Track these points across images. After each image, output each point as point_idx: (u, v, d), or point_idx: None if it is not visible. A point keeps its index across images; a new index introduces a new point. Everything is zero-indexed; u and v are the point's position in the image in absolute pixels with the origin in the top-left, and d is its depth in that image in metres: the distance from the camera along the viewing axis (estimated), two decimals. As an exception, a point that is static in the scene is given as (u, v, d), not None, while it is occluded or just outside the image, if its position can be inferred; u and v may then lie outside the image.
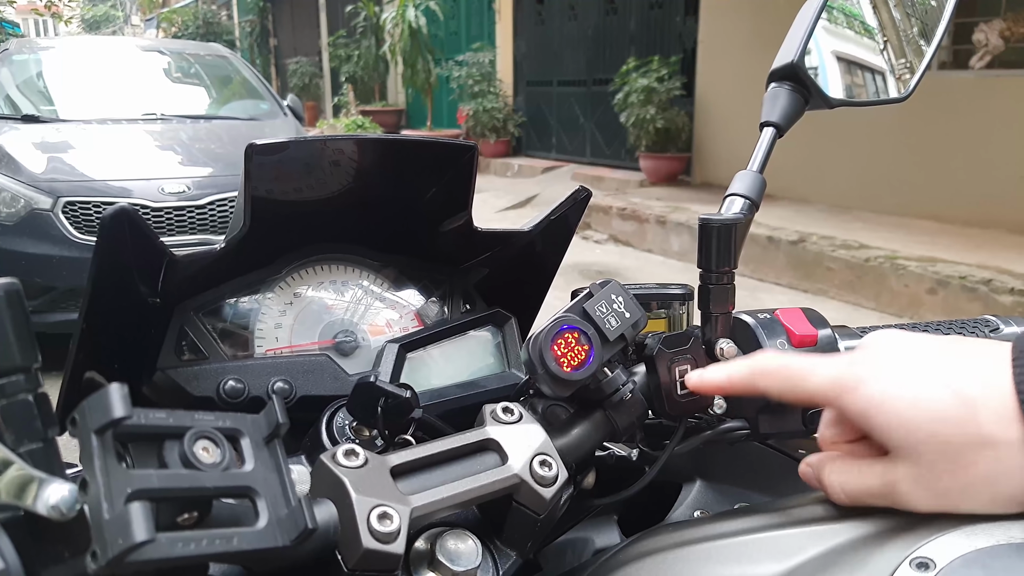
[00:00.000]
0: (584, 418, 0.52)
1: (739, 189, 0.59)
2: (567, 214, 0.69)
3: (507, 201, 7.80)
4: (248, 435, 0.37)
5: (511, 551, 0.47)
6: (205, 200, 3.54)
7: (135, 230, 0.50)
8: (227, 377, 0.61)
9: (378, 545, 0.38)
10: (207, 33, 18.94)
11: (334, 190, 0.65)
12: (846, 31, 0.70)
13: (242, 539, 0.34)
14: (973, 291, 4.02)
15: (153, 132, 4.25)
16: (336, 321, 0.68)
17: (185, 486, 0.33)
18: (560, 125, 9.74)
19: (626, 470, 0.61)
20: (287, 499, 0.36)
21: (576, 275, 5.22)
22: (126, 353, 0.60)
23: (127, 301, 0.57)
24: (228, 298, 0.66)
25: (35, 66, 4.76)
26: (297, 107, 5.21)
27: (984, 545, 0.36)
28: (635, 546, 0.49)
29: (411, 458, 0.44)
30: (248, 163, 0.56)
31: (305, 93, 15.23)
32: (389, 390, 0.50)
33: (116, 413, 0.32)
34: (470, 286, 0.76)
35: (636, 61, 7.54)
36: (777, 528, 0.43)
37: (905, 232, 5.15)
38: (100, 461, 0.31)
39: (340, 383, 0.64)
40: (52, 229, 3.37)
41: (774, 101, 0.62)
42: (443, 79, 11.26)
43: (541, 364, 0.48)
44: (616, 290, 0.51)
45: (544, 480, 0.45)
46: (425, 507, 0.42)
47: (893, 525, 0.39)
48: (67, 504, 0.32)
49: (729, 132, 7.09)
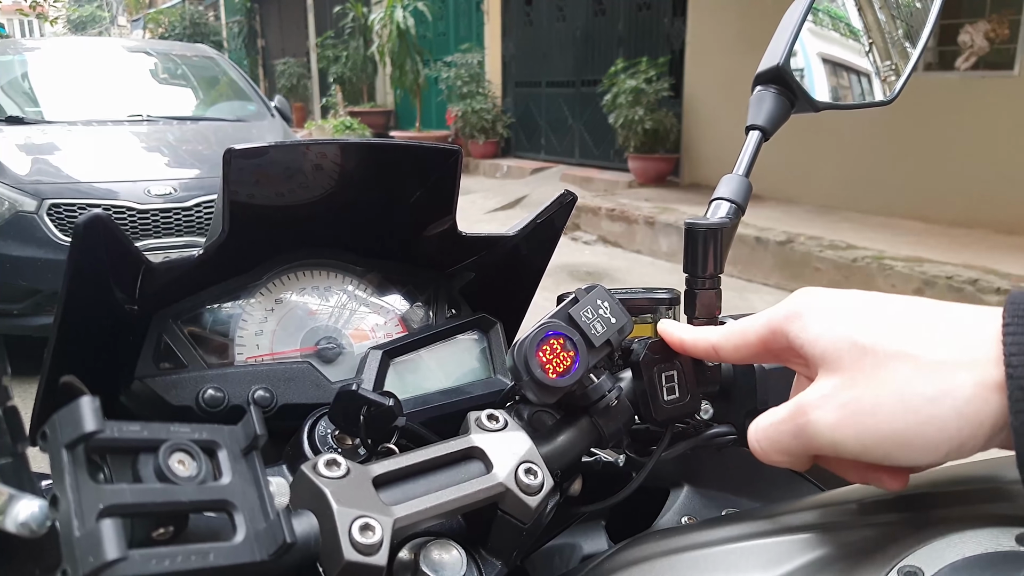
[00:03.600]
0: (570, 425, 0.51)
1: (725, 193, 0.59)
2: (553, 218, 0.68)
3: (496, 202, 7.79)
4: (225, 447, 0.36)
5: (496, 560, 0.47)
6: (192, 202, 3.53)
7: (110, 237, 0.49)
8: (206, 386, 0.60)
9: (360, 557, 0.38)
10: (194, 34, 18.84)
11: (316, 195, 0.64)
12: (832, 33, 0.70)
13: (219, 554, 0.33)
14: (960, 291, 4.05)
15: (139, 133, 4.22)
16: (318, 327, 0.67)
17: (160, 501, 0.33)
18: (549, 126, 9.75)
19: (613, 476, 0.61)
20: (265, 512, 0.35)
21: (565, 276, 5.22)
22: (103, 361, 0.59)
23: (103, 309, 0.56)
24: (208, 305, 0.65)
25: (20, 67, 4.71)
26: (285, 108, 5.19)
27: (972, 553, 0.36)
28: (623, 553, 0.48)
29: (394, 467, 0.43)
30: (226, 168, 0.55)
31: (293, 94, 15.18)
32: (372, 398, 0.50)
33: (87, 427, 0.31)
34: (455, 291, 0.75)
35: (624, 62, 7.56)
36: (765, 536, 0.43)
37: (892, 232, 5.18)
38: (71, 477, 0.31)
39: (322, 391, 0.63)
40: (37, 231, 3.34)
41: (760, 104, 0.62)
42: (432, 80, 11.25)
43: (526, 370, 0.47)
44: (602, 295, 0.51)
45: (529, 488, 0.45)
46: (408, 517, 0.41)
47: (882, 533, 0.39)
48: (37, 521, 0.31)
49: (717, 133, 7.11)
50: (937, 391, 0.35)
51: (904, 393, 0.36)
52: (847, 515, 0.42)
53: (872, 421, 0.36)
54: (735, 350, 0.46)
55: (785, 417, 0.40)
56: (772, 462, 0.42)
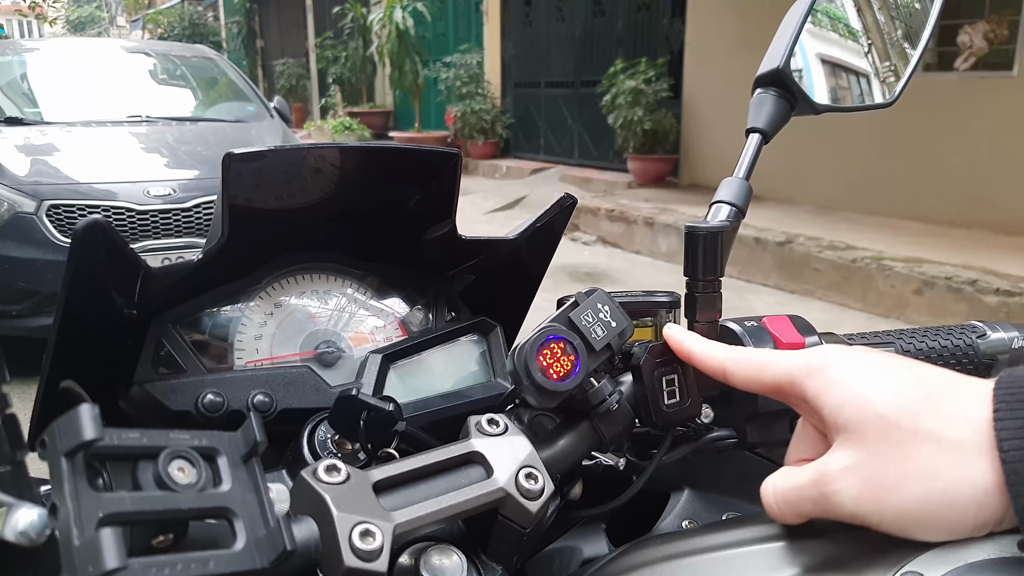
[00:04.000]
0: (570, 428, 0.51)
1: (725, 196, 0.59)
2: (552, 221, 0.68)
3: (495, 203, 7.79)
4: (225, 454, 0.36)
5: (497, 565, 0.47)
6: (191, 203, 3.53)
7: (109, 242, 0.49)
8: (206, 391, 0.60)
9: (360, 563, 0.38)
10: (193, 34, 18.82)
11: (316, 198, 0.64)
12: (831, 35, 0.70)
13: (219, 562, 0.33)
14: (959, 291, 4.04)
15: (138, 134, 4.22)
16: (318, 331, 0.67)
17: (159, 508, 0.33)
18: (548, 127, 9.74)
19: (613, 480, 0.60)
20: (265, 519, 0.35)
21: (565, 277, 5.22)
22: (102, 366, 0.58)
23: (102, 313, 0.56)
24: (207, 309, 0.64)
25: (19, 68, 4.71)
26: (284, 109, 5.19)
27: (974, 559, 0.35)
28: (624, 558, 0.48)
29: (394, 472, 0.43)
30: (225, 172, 0.55)
31: (292, 95, 15.17)
32: (371, 403, 0.50)
33: (87, 435, 0.31)
34: (455, 294, 0.75)
35: (624, 63, 7.56)
36: (767, 540, 0.43)
37: (891, 233, 5.18)
38: (70, 485, 0.30)
39: (322, 395, 0.63)
40: (36, 232, 3.34)
41: (760, 107, 0.62)
42: (431, 81, 11.25)
43: (527, 375, 0.47)
44: (602, 299, 0.51)
45: (530, 493, 0.45)
46: (409, 523, 0.41)
47: (884, 539, 0.38)
48: (36, 530, 0.31)
49: (716, 134, 7.11)
50: (958, 475, 0.35)
51: (927, 473, 0.36)
52: None
53: (894, 499, 0.36)
54: (745, 380, 0.45)
55: (806, 484, 0.40)
56: (788, 523, 0.42)
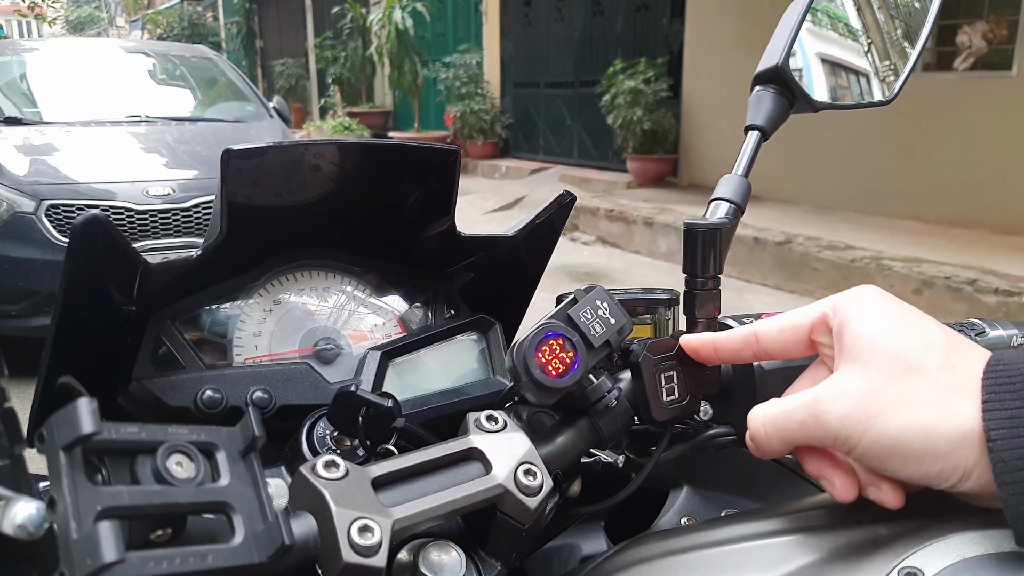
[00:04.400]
0: (569, 425, 0.51)
1: (724, 193, 0.59)
2: (552, 218, 0.68)
3: (495, 203, 7.79)
4: (223, 449, 0.36)
5: (496, 561, 0.47)
6: (190, 203, 3.53)
7: (108, 238, 0.49)
8: (204, 387, 0.60)
9: (359, 559, 0.38)
10: (192, 35, 18.81)
11: (315, 195, 0.64)
12: (831, 33, 0.70)
13: (217, 556, 0.33)
14: (958, 291, 4.05)
15: (138, 134, 4.22)
16: (317, 328, 0.67)
17: (158, 503, 0.33)
18: (547, 127, 9.75)
19: (612, 477, 0.60)
20: (264, 514, 0.35)
21: (564, 276, 5.22)
22: (101, 362, 0.58)
23: (101, 310, 0.56)
24: (206, 306, 0.64)
25: (18, 68, 4.71)
26: (283, 109, 5.19)
27: (972, 554, 0.35)
28: (623, 554, 0.48)
29: (393, 469, 0.43)
30: (224, 169, 0.55)
31: (291, 95, 15.16)
32: (370, 399, 0.50)
33: (85, 429, 0.31)
34: (454, 291, 0.75)
35: (623, 63, 7.56)
36: (765, 537, 0.43)
37: (890, 233, 5.18)
38: (68, 479, 0.30)
39: (321, 392, 0.63)
40: (35, 232, 3.34)
41: (759, 104, 0.62)
42: (430, 81, 11.24)
43: (525, 371, 0.47)
44: (601, 296, 0.51)
45: (529, 489, 0.45)
46: (407, 519, 0.41)
47: (883, 535, 0.39)
48: (34, 523, 0.31)
49: (716, 133, 7.11)
50: (944, 412, 0.37)
51: (915, 404, 0.37)
52: (847, 516, 0.41)
53: (878, 423, 0.38)
54: (778, 333, 0.46)
55: (798, 407, 0.41)
56: (768, 450, 0.43)
